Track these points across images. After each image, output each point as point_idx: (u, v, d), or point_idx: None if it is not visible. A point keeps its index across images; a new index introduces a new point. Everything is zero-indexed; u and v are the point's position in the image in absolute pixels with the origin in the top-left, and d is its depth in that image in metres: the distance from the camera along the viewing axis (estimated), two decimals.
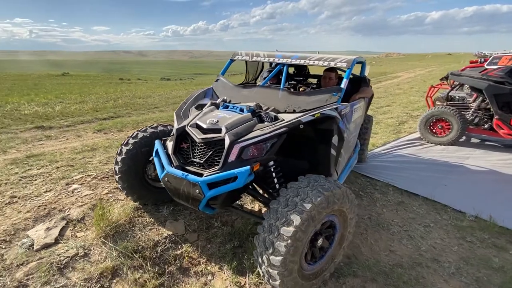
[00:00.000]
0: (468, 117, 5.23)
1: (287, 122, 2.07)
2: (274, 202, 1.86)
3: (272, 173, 2.16)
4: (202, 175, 1.92)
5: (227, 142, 1.92)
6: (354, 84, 3.48)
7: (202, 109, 2.41)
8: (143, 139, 2.63)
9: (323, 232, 2.00)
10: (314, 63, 2.77)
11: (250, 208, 3.11)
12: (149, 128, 2.76)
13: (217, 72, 3.19)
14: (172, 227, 2.63)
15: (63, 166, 3.79)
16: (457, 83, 5.60)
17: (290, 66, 3.23)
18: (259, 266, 1.84)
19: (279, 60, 2.87)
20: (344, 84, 2.50)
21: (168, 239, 2.48)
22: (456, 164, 4.55)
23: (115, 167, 2.62)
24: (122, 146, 2.63)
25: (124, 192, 2.75)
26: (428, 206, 3.36)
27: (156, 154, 2.22)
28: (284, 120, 2.13)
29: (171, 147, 2.16)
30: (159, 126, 2.81)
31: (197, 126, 2.12)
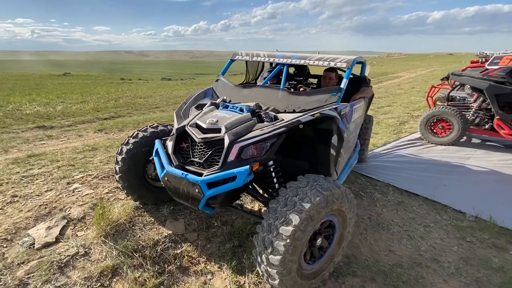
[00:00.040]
0: (469, 117, 5.22)
1: (286, 122, 2.07)
2: (273, 202, 1.87)
3: (272, 172, 2.17)
4: (202, 175, 1.93)
5: (226, 141, 1.93)
6: (354, 84, 3.49)
7: (202, 109, 2.41)
8: (144, 139, 2.64)
9: (322, 231, 2.00)
10: (314, 63, 2.77)
11: (250, 208, 3.12)
12: (149, 128, 2.76)
13: (217, 72, 3.20)
14: (172, 227, 2.64)
15: (64, 166, 3.81)
16: (458, 83, 5.60)
17: (290, 66, 3.23)
18: (258, 266, 1.85)
19: (279, 60, 2.88)
20: (343, 84, 2.50)
21: (168, 238, 2.49)
22: (457, 164, 4.54)
23: (116, 166, 2.64)
24: (122, 146, 2.64)
25: (125, 192, 2.76)
26: (428, 206, 3.36)
27: (156, 153, 2.23)
28: (283, 120, 2.14)
29: (171, 146, 2.17)
30: (159, 126, 2.82)
31: (197, 126, 2.13)
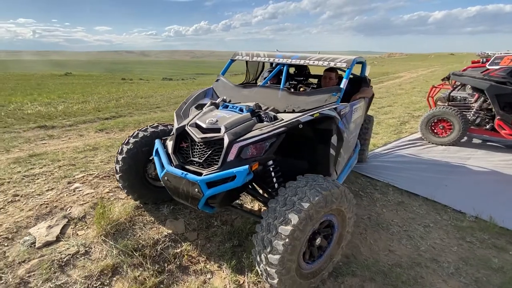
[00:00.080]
0: (469, 117, 5.21)
1: (286, 122, 2.08)
2: (273, 201, 1.87)
3: (271, 172, 2.17)
4: (202, 174, 1.93)
5: (226, 141, 1.94)
6: (354, 84, 3.49)
7: (202, 109, 2.42)
8: (144, 139, 2.64)
9: (321, 231, 2.00)
10: (314, 63, 2.77)
11: (249, 208, 3.12)
12: (149, 128, 2.77)
13: (218, 72, 3.21)
14: (172, 226, 2.65)
15: (65, 165, 3.82)
16: (458, 83, 5.59)
17: (290, 66, 3.24)
18: (257, 265, 1.85)
19: (279, 60, 2.88)
20: (343, 84, 2.51)
21: (168, 238, 2.50)
22: (457, 164, 4.54)
23: (116, 166, 2.65)
24: (123, 145, 2.65)
25: (125, 191, 2.77)
26: (428, 206, 3.36)
27: (156, 153, 2.24)
28: (283, 120, 2.14)
29: (171, 146, 2.18)
30: (159, 126, 2.83)
31: (196, 126, 2.14)
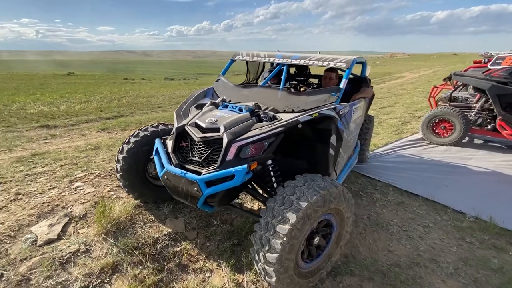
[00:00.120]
0: (471, 117, 5.19)
1: (285, 121, 2.09)
2: (271, 200, 1.88)
3: (270, 172, 2.18)
4: (201, 173, 1.95)
5: (225, 141, 1.95)
6: (354, 84, 3.49)
7: (202, 108, 2.44)
8: (144, 138, 2.66)
9: (319, 230, 2.01)
10: (314, 63, 2.78)
11: (249, 207, 3.13)
12: (150, 127, 2.79)
13: (220, 72, 3.22)
14: (172, 225, 2.66)
15: (67, 164, 3.86)
16: (460, 83, 5.57)
17: (290, 66, 3.25)
18: (255, 263, 1.87)
19: (279, 60, 2.89)
20: (343, 84, 2.51)
21: (168, 237, 2.52)
22: (458, 165, 4.53)
23: (117, 165, 2.67)
24: (123, 145, 2.67)
25: (125, 190, 2.79)
26: (428, 206, 3.36)
27: (156, 152, 2.26)
28: (282, 119, 2.15)
29: (170, 145, 2.20)
30: (160, 125, 2.85)
31: (196, 125, 2.15)
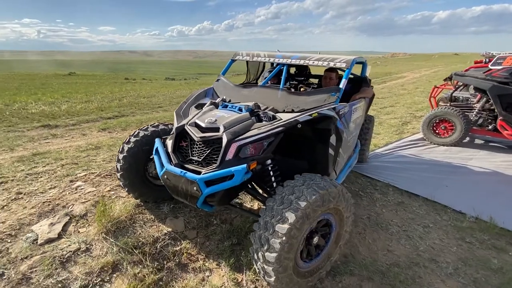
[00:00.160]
0: (471, 118, 5.19)
1: (284, 121, 2.10)
2: (270, 200, 1.89)
3: (270, 171, 2.19)
4: (200, 173, 1.96)
5: (224, 140, 1.96)
6: (354, 85, 3.50)
7: (202, 108, 2.45)
8: (144, 138, 2.67)
9: (319, 230, 2.02)
10: (314, 63, 2.78)
11: (249, 207, 3.14)
12: (150, 127, 2.80)
13: (221, 72, 3.23)
14: (172, 224, 2.67)
15: (67, 164, 3.87)
16: (461, 83, 5.56)
17: (290, 66, 3.25)
18: (255, 263, 1.87)
19: (279, 60, 2.90)
20: (342, 84, 2.51)
21: (168, 236, 2.53)
22: (459, 165, 4.52)
23: (117, 164, 2.68)
24: (124, 144, 2.68)
25: (126, 190, 2.80)
26: (428, 206, 3.35)
27: (156, 152, 2.27)
28: (281, 119, 2.16)
29: (170, 145, 2.20)
30: (160, 125, 2.86)
31: (196, 125, 2.16)
